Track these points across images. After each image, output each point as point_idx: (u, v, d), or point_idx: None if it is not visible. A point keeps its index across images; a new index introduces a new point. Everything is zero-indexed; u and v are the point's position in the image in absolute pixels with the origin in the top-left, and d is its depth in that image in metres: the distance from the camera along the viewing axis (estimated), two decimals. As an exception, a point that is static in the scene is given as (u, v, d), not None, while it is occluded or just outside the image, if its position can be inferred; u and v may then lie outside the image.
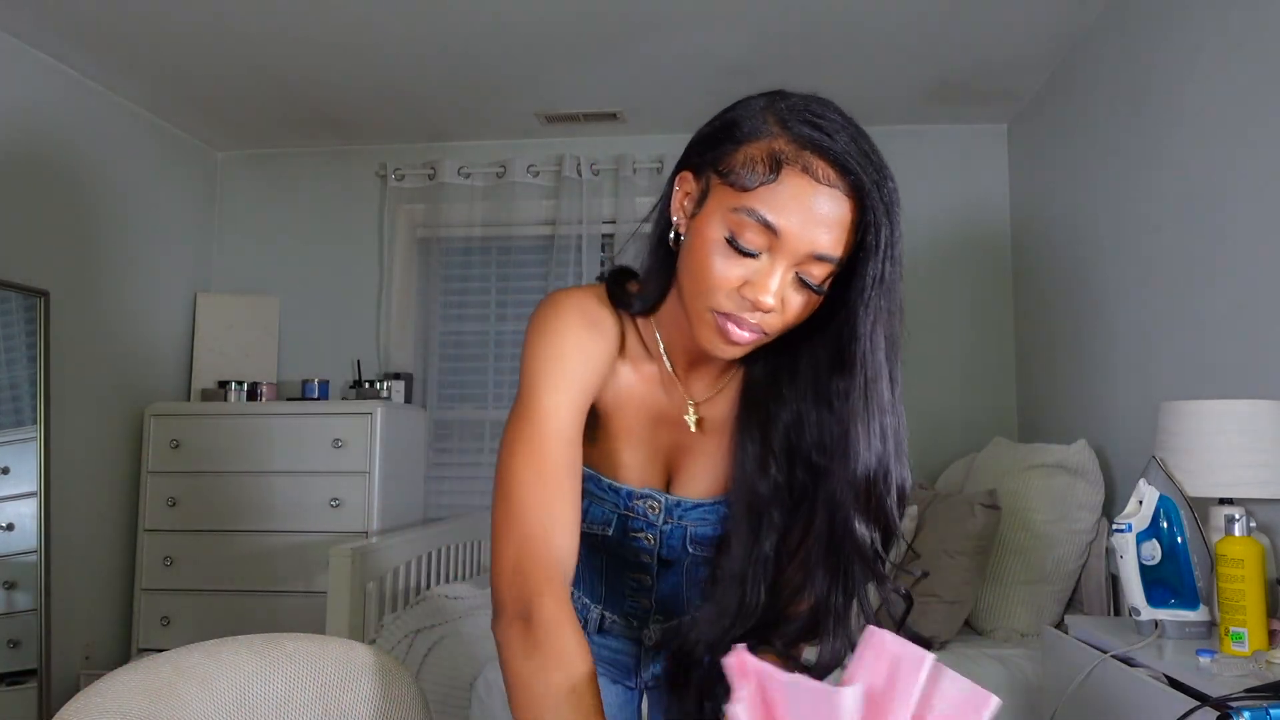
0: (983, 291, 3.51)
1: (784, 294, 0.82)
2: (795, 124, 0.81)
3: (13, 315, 2.80)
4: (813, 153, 0.79)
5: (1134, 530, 1.63)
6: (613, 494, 1.01)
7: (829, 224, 0.80)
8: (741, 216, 0.80)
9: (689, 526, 1.02)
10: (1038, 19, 2.68)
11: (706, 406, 1.00)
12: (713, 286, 0.82)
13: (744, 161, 0.81)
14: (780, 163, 0.79)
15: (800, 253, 0.80)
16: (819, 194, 0.79)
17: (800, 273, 0.82)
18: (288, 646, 0.95)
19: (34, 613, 2.76)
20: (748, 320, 0.83)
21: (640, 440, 1.00)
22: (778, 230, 0.79)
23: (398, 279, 3.71)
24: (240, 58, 2.97)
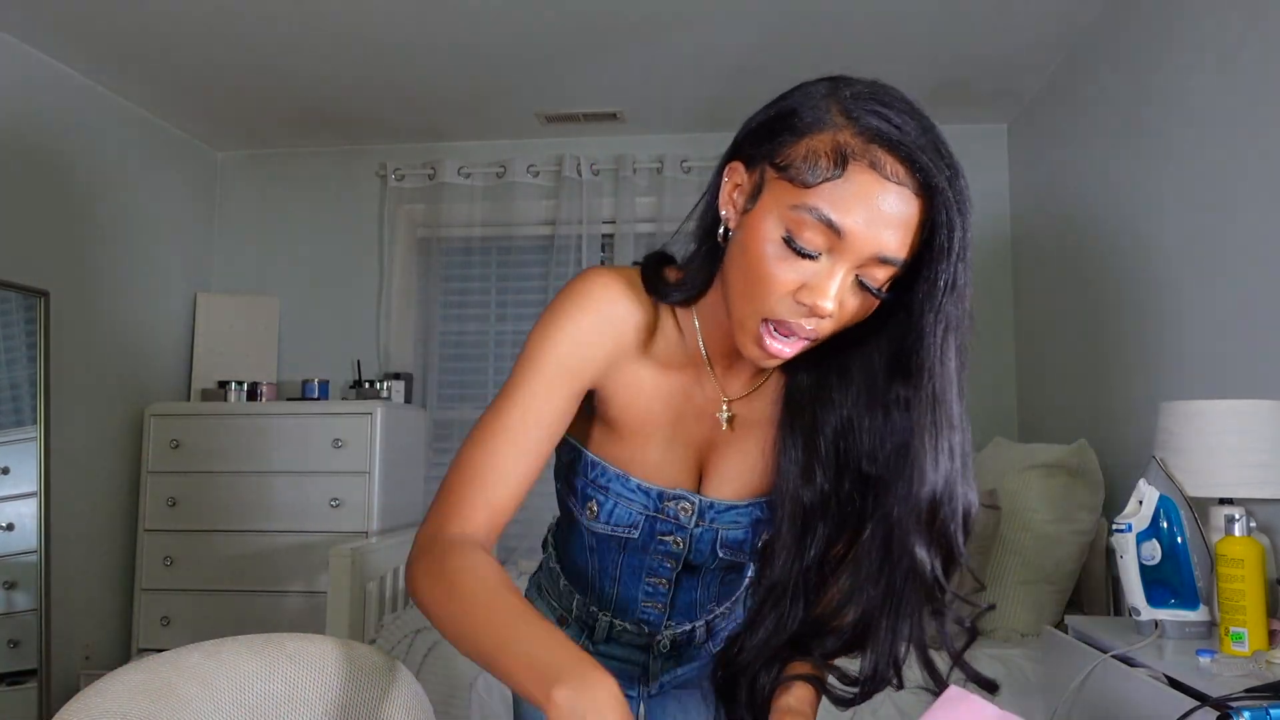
0: (983, 291, 3.50)
1: (842, 297, 0.77)
2: (862, 115, 0.74)
3: (13, 315, 2.80)
4: (881, 147, 0.73)
5: (1134, 530, 1.63)
6: (642, 495, 0.95)
7: (896, 224, 0.74)
8: (802, 215, 0.74)
9: (720, 530, 0.97)
10: (1038, 19, 2.68)
11: (742, 404, 0.94)
12: (767, 289, 0.77)
13: (805, 155, 0.75)
14: (846, 157, 0.73)
15: (864, 254, 0.75)
16: (887, 191, 0.73)
17: (861, 275, 0.76)
18: (288, 646, 0.95)
19: (34, 613, 2.76)
20: (802, 326, 0.77)
21: (669, 437, 0.94)
22: (841, 231, 0.73)
23: (398, 279, 3.71)
24: (240, 58, 2.97)
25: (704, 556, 1.00)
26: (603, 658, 1.08)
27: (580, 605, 1.08)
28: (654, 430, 0.93)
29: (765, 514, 0.97)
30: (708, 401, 0.94)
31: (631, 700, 1.13)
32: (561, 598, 1.10)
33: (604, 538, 0.99)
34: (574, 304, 0.88)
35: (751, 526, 0.98)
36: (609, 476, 0.95)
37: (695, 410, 0.94)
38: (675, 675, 1.12)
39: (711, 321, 0.90)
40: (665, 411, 0.93)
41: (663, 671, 1.11)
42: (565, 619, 1.10)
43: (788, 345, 0.79)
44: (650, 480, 0.95)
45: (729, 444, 0.95)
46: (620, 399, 0.92)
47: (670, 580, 1.02)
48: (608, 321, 0.88)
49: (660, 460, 0.95)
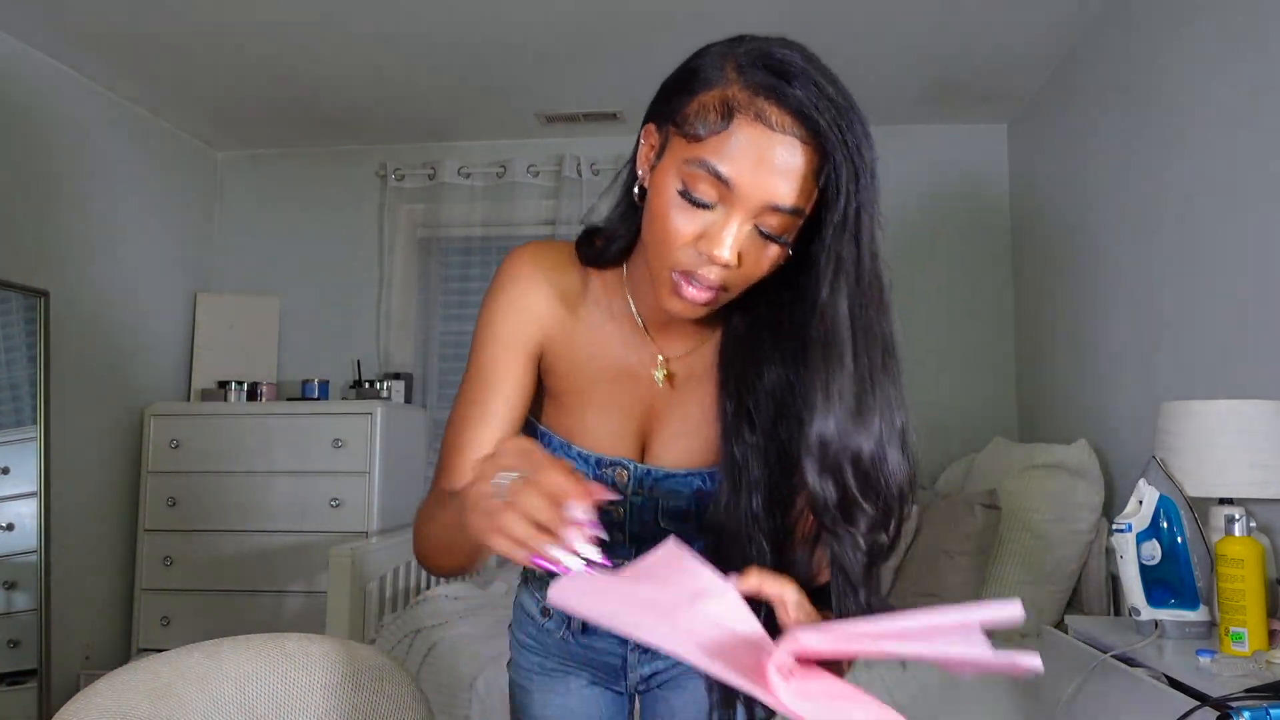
0: (983, 291, 3.51)
1: (743, 247, 0.79)
2: (751, 70, 0.77)
3: (13, 315, 2.80)
4: (767, 99, 0.76)
5: (1134, 530, 1.63)
6: (581, 462, 0.96)
7: (785, 173, 0.76)
8: (694, 169, 0.77)
9: (660, 499, 0.97)
10: (1038, 19, 2.68)
11: (679, 363, 0.96)
12: (670, 241, 0.80)
13: (697, 111, 0.78)
14: (732, 110, 0.76)
15: (755, 204, 0.77)
16: (773, 141, 0.75)
17: (759, 225, 0.79)
18: (288, 646, 0.95)
19: (34, 613, 2.76)
20: (706, 276, 0.80)
21: (607, 402, 0.96)
22: (729, 182, 0.76)
23: (398, 279, 3.71)
24: (240, 58, 2.97)
25: (649, 529, 0.99)
26: (583, 649, 1.08)
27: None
28: (592, 394, 0.96)
29: (708, 485, 0.97)
30: (645, 363, 0.96)
31: (620, 698, 1.13)
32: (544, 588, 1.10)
33: None
34: (501, 283, 0.94)
35: (694, 497, 0.98)
36: (553, 446, 0.97)
37: (632, 373, 0.96)
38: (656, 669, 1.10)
39: (643, 283, 0.93)
40: (603, 374, 0.95)
41: (640, 664, 1.09)
42: (549, 611, 1.10)
43: (700, 294, 0.81)
44: (590, 447, 0.96)
45: (670, 408, 0.97)
46: (559, 366, 0.95)
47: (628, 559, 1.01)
48: (533, 290, 0.94)
49: (599, 426, 0.96)
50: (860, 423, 0.78)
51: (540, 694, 1.10)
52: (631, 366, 0.96)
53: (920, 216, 3.53)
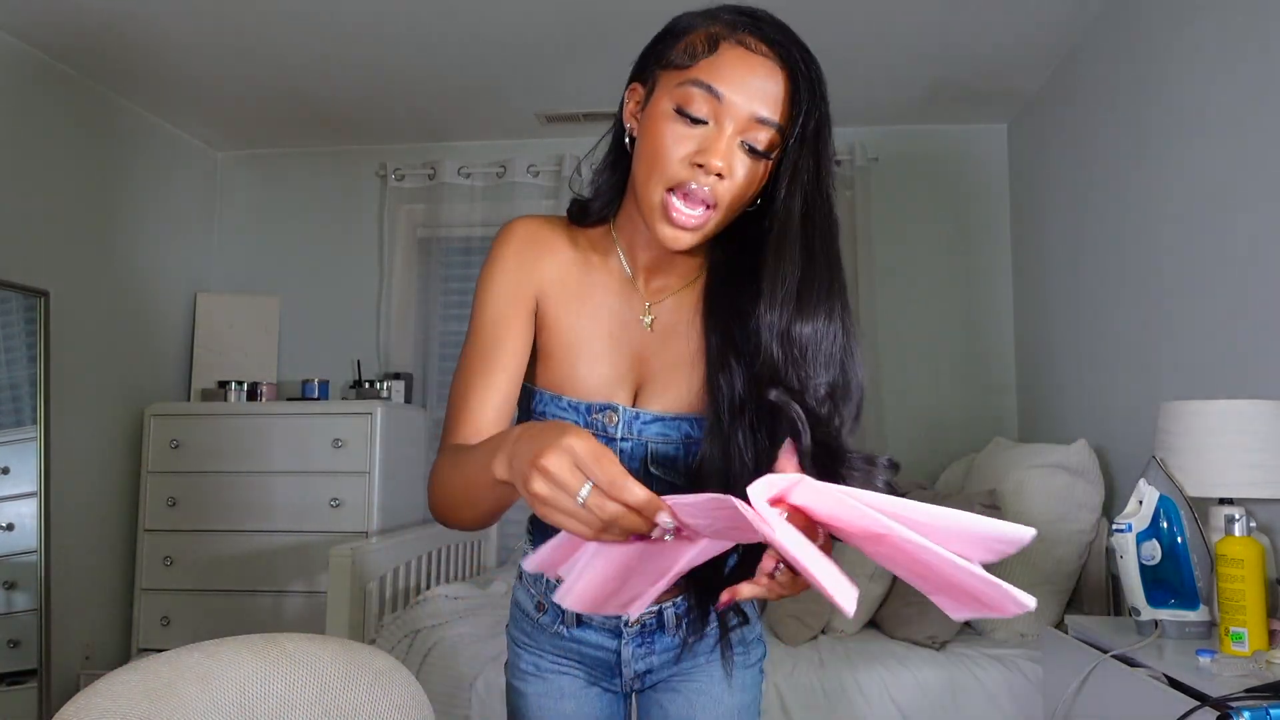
0: (983, 291, 3.51)
1: (732, 161, 0.87)
2: (727, 14, 0.90)
3: (13, 315, 2.80)
4: (745, 30, 0.88)
5: (1134, 530, 1.63)
6: (572, 411, 1.00)
7: (766, 90, 0.87)
8: (687, 88, 0.87)
9: (649, 444, 1.00)
10: (1038, 19, 2.68)
11: (665, 308, 1.02)
12: (667, 158, 0.88)
13: (684, 47, 0.89)
14: (718, 40, 0.88)
15: (743, 116, 0.87)
16: (755, 62, 0.87)
17: (746, 139, 0.87)
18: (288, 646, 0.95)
19: (34, 613, 2.76)
20: (699, 191, 0.87)
21: (598, 351, 1.00)
22: (720, 95, 0.86)
23: (398, 279, 3.71)
24: (240, 58, 2.97)
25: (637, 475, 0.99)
26: (577, 644, 1.08)
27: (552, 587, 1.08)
28: (584, 346, 1.00)
29: (696, 431, 1.00)
30: (634, 311, 1.02)
31: (615, 698, 1.12)
32: (536, 582, 1.11)
33: None
34: (498, 248, 1.01)
35: (682, 443, 1.00)
36: (544, 400, 1.01)
37: (622, 322, 1.01)
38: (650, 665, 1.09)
39: (631, 231, 1.00)
40: (594, 326, 1.00)
41: (634, 660, 1.09)
42: (543, 605, 1.10)
43: (694, 212, 0.89)
44: (583, 397, 1.00)
45: (659, 354, 1.01)
46: (549, 325, 1.01)
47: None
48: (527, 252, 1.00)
49: (590, 375, 1.00)
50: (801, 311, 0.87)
51: (535, 696, 1.10)
52: (621, 316, 1.01)
53: (920, 216, 3.53)
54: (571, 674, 1.10)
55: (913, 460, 3.40)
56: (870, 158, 3.49)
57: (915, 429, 3.45)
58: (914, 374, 3.50)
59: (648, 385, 1.01)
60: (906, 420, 3.46)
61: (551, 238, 1.02)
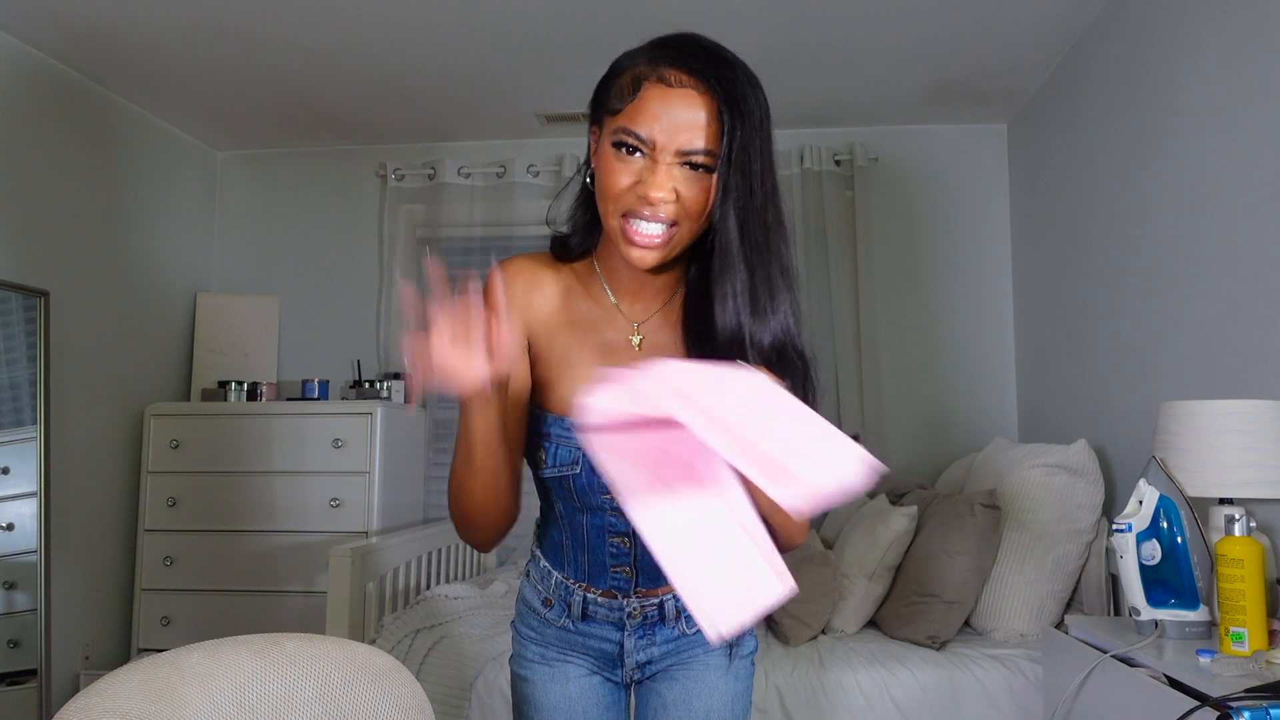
0: (983, 291, 3.51)
1: (675, 183, 0.94)
2: (651, 50, 0.96)
3: (13, 315, 2.80)
4: (665, 65, 0.94)
5: (1134, 530, 1.63)
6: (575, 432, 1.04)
7: (689, 121, 0.92)
8: (619, 135, 0.94)
9: None
10: (1038, 19, 2.68)
11: (650, 328, 1.08)
12: (614, 190, 0.95)
13: (615, 93, 0.96)
14: (640, 81, 0.94)
15: (672, 150, 0.93)
16: (673, 96, 0.93)
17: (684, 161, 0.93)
18: (288, 646, 0.95)
19: (34, 613, 2.76)
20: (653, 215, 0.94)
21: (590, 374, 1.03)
22: (645, 137, 0.93)
23: (398, 279, 3.71)
24: (240, 58, 2.97)
25: None
26: (582, 637, 1.15)
27: (558, 584, 1.15)
28: (578, 372, 1.06)
29: None
30: (621, 334, 1.08)
31: (616, 689, 1.19)
32: (544, 580, 1.17)
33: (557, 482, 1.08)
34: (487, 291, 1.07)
35: None
36: (549, 422, 1.06)
37: (611, 345, 1.08)
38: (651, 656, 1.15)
39: (611, 264, 1.08)
40: (585, 353, 1.07)
41: (636, 651, 1.15)
42: (550, 600, 1.16)
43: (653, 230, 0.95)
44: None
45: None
46: (542, 356, 1.08)
47: (629, 538, 1.09)
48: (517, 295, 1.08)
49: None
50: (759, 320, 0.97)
51: (541, 682, 1.16)
52: (611, 340, 1.08)
53: (920, 217, 3.53)
54: (576, 663, 1.16)
55: (913, 460, 3.40)
56: (870, 158, 3.49)
57: (915, 429, 3.45)
58: (914, 374, 3.50)
59: None
60: (906, 420, 3.45)
61: (538, 274, 1.09)
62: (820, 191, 3.47)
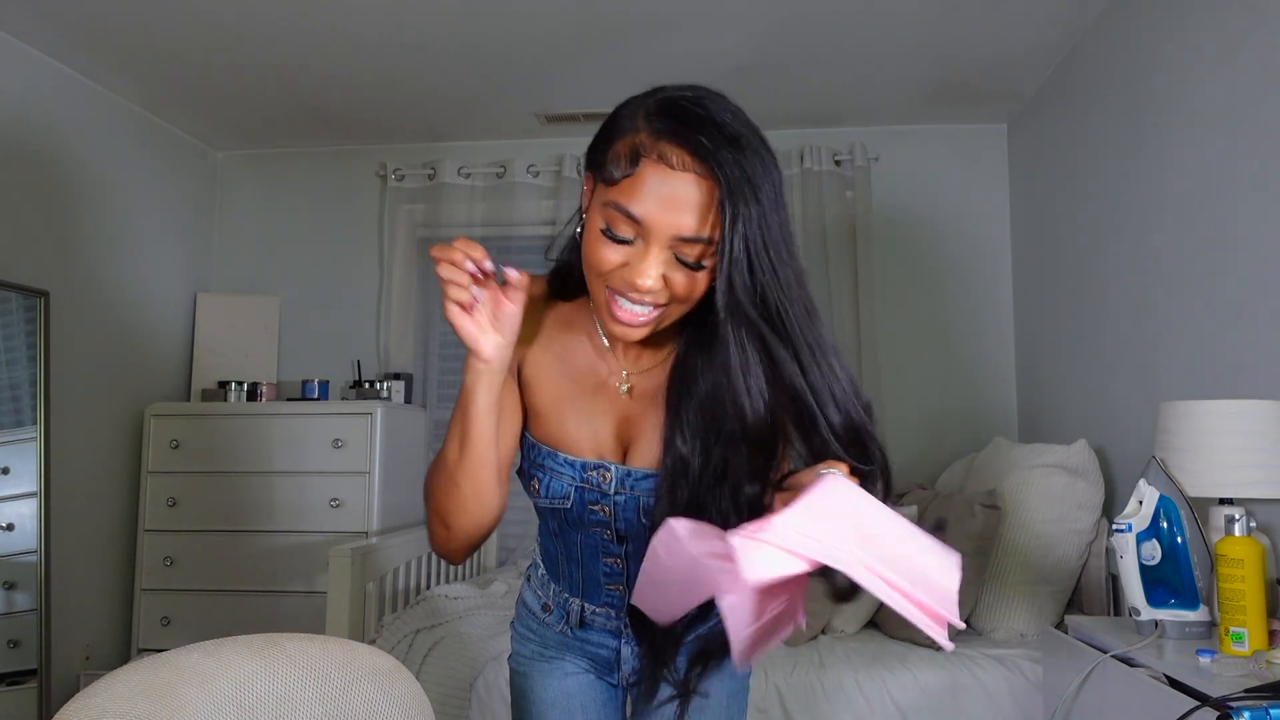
0: (983, 291, 3.51)
1: (666, 273, 0.88)
2: (656, 118, 0.87)
3: (13, 315, 2.80)
4: (668, 142, 0.85)
5: (1134, 530, 1.63)
6: (569, 467, 1.05)
7: (687, 207, 0.84)
8: (610, 210, 0.87)
9: (640, 497, 1.05)
10: (1038, 19, 2.68)
11: (643, 378, 1.05)
12: (600, 272, 0.90)
13: (612, 158, 0.88)
14: (639, 155, 0.85)
15: (665, 236, 0.86)
16: (674, 180, 0.84)
17: (676, 253, 0.87)
18: (288, 646, 0.95)
19: (34, 613, 2.76)
20: (638, 299, 0.89)
21: (584, 412, 1.05)
22: (639, 219, 0.85)
23: (398, 279, 3.71)
24: (240, 58, 2.97)
25: (633, 526, 1.07)
26: (580, 642, 1.17)
27: (556, 593, 1.18)
28: (570, 407, 1.05)
29: None
30: (612, 377, 1.05)
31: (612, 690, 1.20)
32: (544, 586, 1.20)
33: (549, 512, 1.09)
34: None
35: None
36: (543, 454, 1.06)
37: (603, 387, 1.05)
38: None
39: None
40: (576, 389, 1.05)
41: (633, 658, 1.16)
42: (549, 606, 1.18)
43: (636, 315, 0.90)
44: (575, 454, 1.05)
45: (642, 416, 1.05)
46: (534, 385, 1.06)
47: (622, 558, 1.10)
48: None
49: (579, 435, 1.05)
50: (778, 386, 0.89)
51: (539, 677, 1.18)
52: (602, 381, 1.05)
53: (920, 217, 3.53)
54: (573, 660, 1.18)
55: (913, 460, 3.40)
56: (870, 157, 3.49)
57: (915, 429, 3.45)
58: (914, 374, 3.50)
59: (636, 444, 1.05)
60: (906, 420, 3.45)
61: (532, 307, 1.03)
62: (820, 191, 3.47)
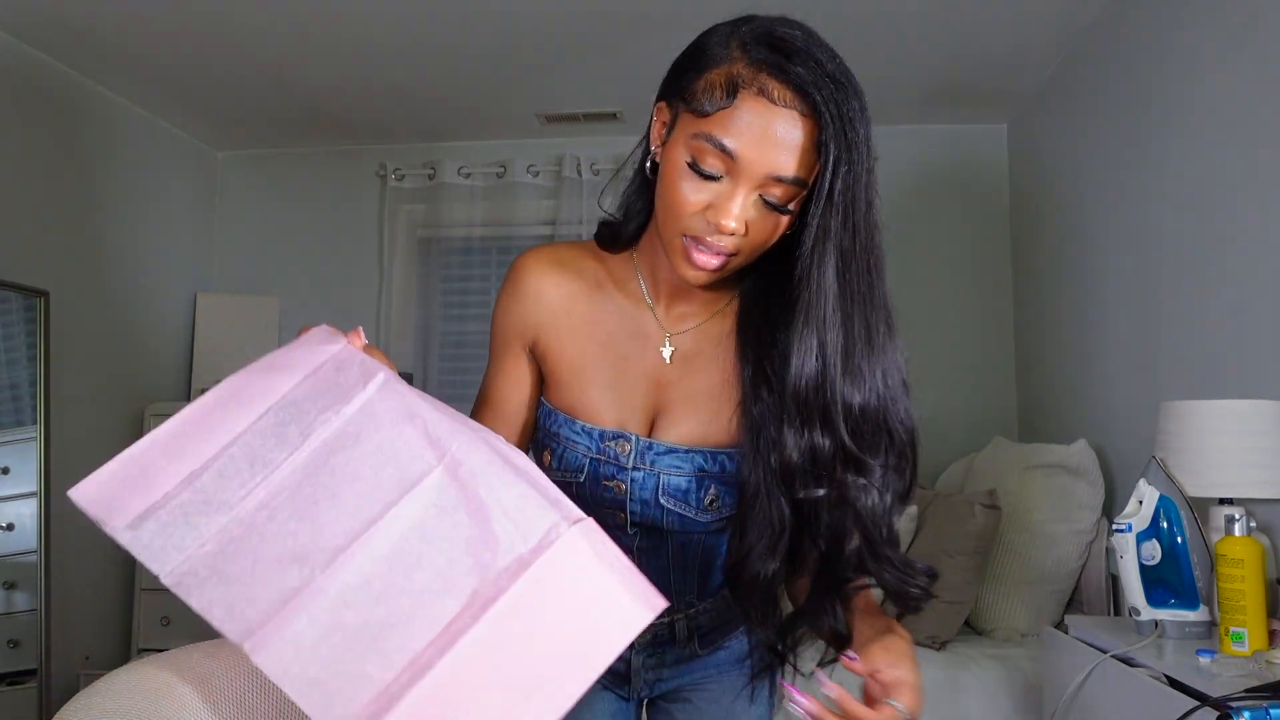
0: (983, 291, 3.51)
1: (748, 216, 0.83)
2: (754, 47, 0.81)
3: (13, 315, 2.80)
4: (769, 74, 0.80)
5: (1134, 530, 1.63)
6: (585, 436, 0.98)
7: (786, 146, 0.80)
8: (700, 142, 0.81)
9: (661, 474, 0.97)
10: (1038, 18, 2.67)
11: (686, 339, 0.99)
12: (681, 210, 0.84)
13: (704, 88, 0.82)
14: (737, 87, 0.80)
15: (759, 175, 0.81)
16: (775, 116, 0.80)
17: (763, 194, 0.83)
18: (288, 646, 0.95)
19: (34, 613, 2.76)
20: (715, 244, 0.84)
21: (609, 378, 0.98)
22: (734, 154, 0.80)
23: (398, 279, 3.71)
24: (240, 57, 2.97)
25: (650, 508, 0.98)
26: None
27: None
28: (596, 372, 0.98)
29: (711, 465, 0.98)
30: (653, 341, 0.99)
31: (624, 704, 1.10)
32: None
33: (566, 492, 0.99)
34: (503, 287, 1.02)
35: (695, 476, 0.97)
36: (559, 422, 0.99)
37: (638, 350, 0.98)
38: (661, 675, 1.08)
39: (653, 258, 0.98)
40: (604, 353, 0.98)
41: (645, 670, 1.07)
42: None
43: (711, 259, 0.85)
44: (596, 422, 0.98)
45: (678, 384, 0.98)
46: (554, 353, 0.99)
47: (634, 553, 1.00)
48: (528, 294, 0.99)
49: (602, 401, 0.98)
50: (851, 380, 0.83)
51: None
52: (637, 343, 0.99)
53: (920, 216, 3.53)
54: None
55: (913, 460, 3.40)
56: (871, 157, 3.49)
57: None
58: (914, 373, 3.46)
59: (664, 415, 0.98)
60: (906, 420, 3.45)
61: (554, 270, 0.99)
62: (820, 191, 3.46)
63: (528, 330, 1.00)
